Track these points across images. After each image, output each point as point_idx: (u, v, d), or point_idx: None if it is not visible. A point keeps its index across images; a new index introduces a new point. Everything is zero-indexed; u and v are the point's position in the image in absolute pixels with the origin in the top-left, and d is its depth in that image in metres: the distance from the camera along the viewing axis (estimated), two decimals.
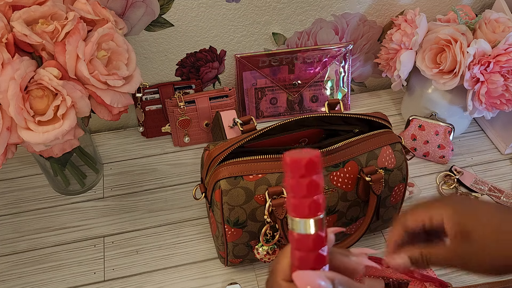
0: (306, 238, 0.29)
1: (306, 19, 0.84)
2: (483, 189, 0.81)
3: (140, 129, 0.88)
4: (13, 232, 0.75)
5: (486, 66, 0.73)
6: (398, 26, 0.82)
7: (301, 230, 0.29)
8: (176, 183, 0.82)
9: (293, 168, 0.28)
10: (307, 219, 0.29)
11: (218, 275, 0.70)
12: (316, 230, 0.29)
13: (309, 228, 0.29)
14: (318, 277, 0.29)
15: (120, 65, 0.61)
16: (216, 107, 0.84)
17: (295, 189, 0.29)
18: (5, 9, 0.54)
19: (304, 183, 0.28)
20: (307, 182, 0.28)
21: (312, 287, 0.29)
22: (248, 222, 0.61)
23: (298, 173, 0.28)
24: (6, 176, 0.82)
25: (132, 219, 0.76)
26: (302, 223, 0.29)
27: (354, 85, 1.00)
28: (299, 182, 0.28)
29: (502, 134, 0.88)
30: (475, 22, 0.78)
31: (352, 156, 0.61)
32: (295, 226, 0.29)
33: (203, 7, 0.78)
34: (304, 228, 0.29)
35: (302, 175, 0.28)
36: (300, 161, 0.28)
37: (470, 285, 0.68)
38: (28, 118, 0.54)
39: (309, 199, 0.29)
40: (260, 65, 0.88)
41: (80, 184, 0.78)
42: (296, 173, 0.28)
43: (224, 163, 0.59)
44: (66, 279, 0.69)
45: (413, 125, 0.85)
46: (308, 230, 0.29)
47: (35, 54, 0.57)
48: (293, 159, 0.28)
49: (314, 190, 0.29)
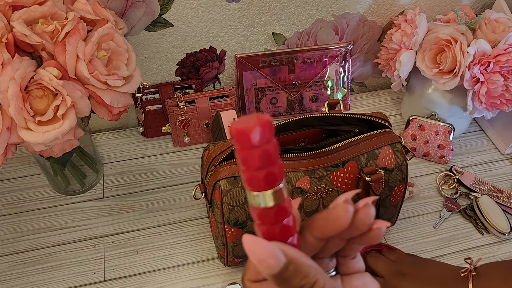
0: (268, 211, 0.27)
1: (306, 19, 0.84)
2: (483, 189, 0.81)
3: (140, 129, 0.88)
4: (13, 232, 0.75)
5: (486, 66, 0.73)
6: (398, 26, 0.82)
7: (260, 204, 0.27)
8: (176, 183, 0.82)
9: (240, 139, 0.25)
10: (265, 191, 0.26)
11: (218, 275, 0.70)
12: (276, 202, 0.27)
13: (269, 201, 0.27)
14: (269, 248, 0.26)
15: (120, 65, 0.61)
16: (216, 107, 0.84)
17: (246, 162, 0.26)
18: (5, 9, 0.54)
19: (255, 154, 0.25)
20: (258, 153, 0.25)
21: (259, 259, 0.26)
22: (248, 222, 0.61)
23: (246, 145, 0.25)
24: (6, 176, 0.82)
25: (132, 219, 0.76)
26: (260, 196, 0.27)
27: (354, 85, 1.00)
28: (249, 154, 0.25)
29: (502, 134, 0.88)
30: (475, 22, 0.78)
31: (352, 156, 0.61)
32: (254, 201, 0.27)
33: (203, 7, 0.78)
34: (263, 201, 0.27)
35: (251, 146, 0.25)
36: (247, 131, 0.25)
37: None
38: (28, 118, 0.54)
39: (264, 171, 0.26)
40: (260, 65, 0.88)
41: (80, 184, 0.78)
42: (244, 144, 0.25)
43: (224, 163, 0.59)
44: (66, 279, 0.69)
45: (413, 125, 0.85)
46: (268, 203, 0.27)
47: (35, 54, 0.57)
48: (238, 129, 0.25)
49: (267, 160, 0.26)
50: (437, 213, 0.79)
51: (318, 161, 0.60)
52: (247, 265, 0.30)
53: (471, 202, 0.79)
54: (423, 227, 0.76)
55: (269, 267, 0.26)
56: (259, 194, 0.27)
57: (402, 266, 0.64)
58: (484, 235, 0.76)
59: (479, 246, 0.74)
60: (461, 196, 0.80)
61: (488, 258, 0.73)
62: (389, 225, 0.30)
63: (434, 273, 0.62)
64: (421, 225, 0.77)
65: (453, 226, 0.77)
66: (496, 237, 0.75)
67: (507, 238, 0.75)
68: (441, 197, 0.81)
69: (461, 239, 0.75)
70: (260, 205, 0.27)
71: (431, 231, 0.76)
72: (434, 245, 0.74)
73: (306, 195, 0.60)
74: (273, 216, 0.27)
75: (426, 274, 0.62)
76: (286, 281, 0.26)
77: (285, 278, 0.26)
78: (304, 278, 0.26)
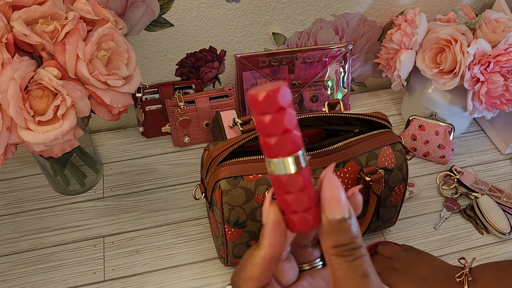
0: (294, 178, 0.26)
1: (306, 19, 0.84)
2: (483, 189, 0.81)
3: (140, 129, 0.88)
4: (13, 232, 0.75)
5: (486, 66, 0.73)
6: (398, 26, 0.82)
7: (284, 170, 0.26)
8: (176, 183, 0.82)
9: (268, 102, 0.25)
10: (293, 155, 0.26)
11: (218, 275, 0.70)
12: (299, 168, 0.26)
13: (294, 167, 0.26)
14: (344, 195, 0.27)
15: (120, 65, 0.61)
16: (216, 107, 0.84)
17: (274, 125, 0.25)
18: (5, 9, 0.54)
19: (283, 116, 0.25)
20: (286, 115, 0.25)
21: (336, 199, 0.27)
22: (248, 222, 0.61)
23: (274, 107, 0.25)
24: (6, 176, 0.82)
25: (132, 219, 0.76)
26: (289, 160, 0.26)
27: (354, 85, 1.00)
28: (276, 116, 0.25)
29: (502, 134, 0.88)
30: (475, 22, 0.78)
31: (352, 156, 0.61)
32: (275, 168, 0.27)
33: (203, 7, 0.78)
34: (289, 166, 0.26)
35: (278, 107, 0.25)
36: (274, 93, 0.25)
37: None
38: (28, 118, 0.54)
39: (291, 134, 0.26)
40: (260, 65, 0.88)
41: (80, 184, 0.78)
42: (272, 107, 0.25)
43: (224, 163, 0.59)
44: (66, 279, 0.69)
45: (413, 125, 0.85)
46: (292, 169, 0.26)
47: (35, 54, 0.56)
48: (267, 91, 0.24)
49: (292, 122, 0.26)
50: (437, 213, 0.79)
51: (318, 161, 0.60)
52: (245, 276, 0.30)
53: (471, 202, 0.79)
54: (423, 227, 0.76)
55: (336, 210, 0.27)
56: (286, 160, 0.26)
57: (396, 262, 0.65)
58: (484, 235, 0.76)
59: (479, 246, 0.74)
60: (461, 196, 0.80)
61: (488, 258, 0.73)
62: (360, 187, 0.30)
63: (427, 271, 0.62)
64: (421, 225, 0.77)
65: (453, 226, 0.77)
66: (496, 237, 0.75)
67: (507, 238, 0.75)
68: (441, 197, 0.81)
69: (461, 239, 0.75)
70: (283, 172, 0.26)
71: (431, 231, 0.76)
72: (434, 245, 0.74)
73: None
74: (301, 181, 0.27)
75: (419, 271, 0.62)
76: (338, 232, 0.27)
77: (339, 229, 0.27)
78: (354, 238, 0.27)
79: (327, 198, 0.27)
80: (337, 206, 0.27)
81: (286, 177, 0.27)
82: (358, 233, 0.28)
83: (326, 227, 0.27)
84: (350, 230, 0.27)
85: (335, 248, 0.28)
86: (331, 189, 0.27)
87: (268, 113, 0.25)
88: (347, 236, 0.27)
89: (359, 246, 0.27)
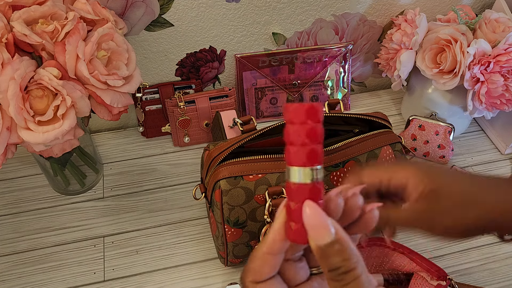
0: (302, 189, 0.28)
1: (306, 19, 0.84)
2: None
3: (140, 129, 0.88)
4: (13, 232, 0.75)
5: (486, 66, 0.73)
6: (398, 26, 0.82)
7: (293, 179, 0.28)
8: (176, 183, 0.82)
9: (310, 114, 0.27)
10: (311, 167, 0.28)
11: (218, 275, 0.70)
12: (309, 181, 0.28)
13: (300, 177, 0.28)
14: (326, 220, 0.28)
15: (120, 65, 0.61)
16: (216, 107, 0.84)
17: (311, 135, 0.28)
18: (5, 9, 0.54)
19: (319, 128, 0.28)
20: (320, 128, 0.28)
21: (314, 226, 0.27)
22: (248, 222, 0.61)
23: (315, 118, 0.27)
24: (6, 176, 0.82)
25: (132, 219, 0.76)
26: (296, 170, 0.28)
27: (354, 85, 1.00)
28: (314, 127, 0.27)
29: (502, 134, 0.88)
30: (475, 22, 0.78)
31: (352, 156, 0.61)
32: (288, 174, 0.29)
33: (203, 7, 0.78)
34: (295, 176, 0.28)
35: (318, 120, 0.27)
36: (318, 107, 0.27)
37: (470, 284, 0.68)
38: (28, 118, 0.54)
39: (320, 146, 0.28)
40: (260, 65, 0.88)
41: (80, 184, 0.78)
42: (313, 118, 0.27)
43: (224, 163, 0.59)
44: (66, 279, 0.69)
45: (413, 125, 0.85)
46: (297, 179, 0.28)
47: (35, 54, 0.56)
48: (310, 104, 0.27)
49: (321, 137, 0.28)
50: None
51: None
52: (247, 268, 0.31)
53: None
54: None
55: (319, 236, 0.27)
56: (299, 169, 0.28)
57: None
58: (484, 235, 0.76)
59: (479, 246, 0.74)
60: None
61: (488, 258, 0.73)
62: (381, 204, 0.31)
63: None
64: None
65: None
66: (496, 237, 0.75)
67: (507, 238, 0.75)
68: None
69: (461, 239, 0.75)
70: (294, 180, 0.28)
71: None
72: (434, 245, 0.74)
73: None
74: (306, 194, 0.28)
75: None
76: (327, 257, 0.27)
77: (327, 254, 0.27)
78: (345, 261, 0.27)
79: (310, 224, 0.27)
80: (320, 232, 0.27)
81: (295, 186, 0.28)
82: (350, 254, 0.27)
83: (316, 252, 0.28)
84: (340, 254, 0.27)
85: (329, 272, 0.28)
86: (313, 216, 0.27)
87: (294, 123, 0.27)
88: (337, 260, 0.27)
89: (351, 269, 0.27)
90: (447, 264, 0.72)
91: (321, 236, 0.27)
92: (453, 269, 0.71)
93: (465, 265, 0.72)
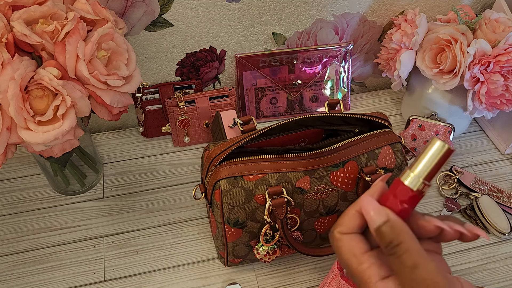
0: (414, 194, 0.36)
1: (306, 19, 0.84)
2: (483, 189, 0.81)
3: (140, 129, 0.88)
4: (13, 232, 0.75)
5: (486, 66, 0.73)
6: (398, 26, 0.82)
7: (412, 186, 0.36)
8: (176, 183, 0.82)
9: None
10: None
11: (218, 275, 0.70)
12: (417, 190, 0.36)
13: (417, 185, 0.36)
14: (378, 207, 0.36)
15: (120, 65, 0.61)
16: (216, 107, 0.84)
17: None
18: (5, 9, 0.54)
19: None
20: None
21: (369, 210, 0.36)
22: (248, 222, 0.61)
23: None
24: (6, 176, 0.82)
25: (132, 219, 0.76)
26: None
27: (354, 85, 1.00)
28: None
29: (502, 134, 0.88)
30: (475, 22, 0.78)
31: (352, 156, 0.61)
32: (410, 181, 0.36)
33: (203, 7, 0.78)
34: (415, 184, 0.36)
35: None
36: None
37: None
38: (28, 118, 0.54)
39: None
40: (260, 65, 0.88)
41: (80, 184, 0.78)
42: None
43: (224, 163, 0.59)
44: (66, 279, 0.69)
45: (413, 125, 0.85)
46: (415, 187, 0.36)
47: (35, 54, 0.57)
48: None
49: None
50: (437, 213, 0.79)
51: (318, 161, 0.60)
52: (339, 221, 0.39)
53: (471, 202, 0.79)
54: None
55: (372, 220, 0.36)
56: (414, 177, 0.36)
57: None
58: None
59: (479, 246, 0.74)
60: (461, 196, 0.80)
61: (488, 258, 0.73)
62: (487, 237, 0.38)
63: None
64: None
65: None
66: (496, 237, 0.75)
67: (507, 238, 0.75)
68: (441, 197, 0.81)
69: None
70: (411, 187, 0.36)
71: None
72: None
73: (306, 195, 0.60)
74: (407, 196, 0.36)
75: None
76: (382, 234, 0.35)
77: (381, 232, 0.35)
78: (395, 236, 0.34)
79: (366, 210, 0.36)
80: (370, 219, 0.36)
81: (403, 187, 0.37)
82: (399, 231, 0.34)
83: (374, 232, 0.36)
84: (388, 233, 0.35)
85: (385, 249, 0.35)
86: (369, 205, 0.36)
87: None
88: (386, 238, 0.35)
89: (399, 242, 0.34)
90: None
91: (371, 222, 0.36)
92: (453, 269, 0.71)
93: (465, 265, 0.72)
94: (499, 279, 0.70)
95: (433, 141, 0.36)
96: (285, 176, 0.59)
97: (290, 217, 0.61)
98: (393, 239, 0.34)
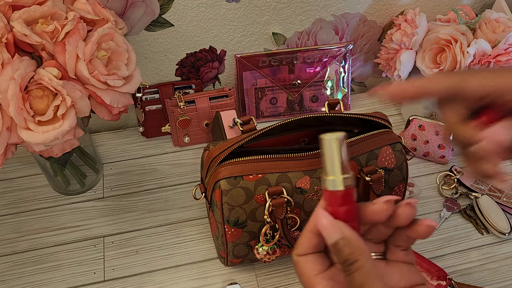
0: (335, 194, 0.35)
1: (306, 19, 0.84)
2: (483, 189, 0.81)
3: (140, 129, 0.88)
4: (13, 232, 0.75)
5: (486, 66, 0.73)
6: (398, 26, 0.82)
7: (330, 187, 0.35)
8: (176, 183, 0.82)
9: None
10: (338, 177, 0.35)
11: (218, 275, 0.70)
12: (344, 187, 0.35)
13: (339, 185, 0.35)
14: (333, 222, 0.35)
15: (120, 65, 0.61)
16: (216, 107, 0.84)
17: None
18: (5, 9, 0.54)
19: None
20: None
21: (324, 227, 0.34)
22: (248, 222, 0.61)
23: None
24: (6, 176, 0.82)
25: (132, 219, 0.76)
26: (333, 180, 0.35)
27: (354, 85, 1.00)
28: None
29: None
30: (475, 22, 0.78)
31: (352, 156, 0.61)
32: (327, 184, 0.35)
33: (203, 7, 0.78)
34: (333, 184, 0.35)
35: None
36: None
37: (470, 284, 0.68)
38: (28, 118, 0.54)
39: None
40: (260, 65, 0.88)
41: (80, 184, 0.78)
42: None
43: (224, 163, 0.59)
44: (66, 279, 0.69)
45: (413, 125, 0.85)
46: (338, 187, 0.35)
47: (35, 54, 0.57)
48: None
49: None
50: (437, 213, 0.79)
51: (318, 161, 0.60)
52: (297, 242, 0.38)
53: (471, 202, 0.79)
54: None
55: (328, 235, 0.34)
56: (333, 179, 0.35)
57: None
58: (484, 235, 0.76)
59: (479, 246, 0.74)
60: (461, 196, 0.80)
61: (488, 258, 0.73)
62: (436, 226, 0.35)
63: None
64: None
65: (453, 226, 0.77)
66: (496, 237, 0.75)
67: (507, 238, 0.75)
68: (441, 197, 0.81)
69: (461, 239, 0.75)
70: (330, 188, 0.35)
71: None
72: (434, 245, 0.74)
73: (306, 195, 0.60)
74: (339, 199, 0.35)
75: None
76: (338, 252, 0.34)
77: (337, 249, 0.34)
78: (350, 254, 0.33)
79: (322, 227, 0.35)
80: (326, 235, 0.34)
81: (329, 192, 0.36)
82: (355, 247, 0.33)
83: (330, 248, 0.35)
84: (344, 250, 0.34)
85: (342, 265, 0.34)
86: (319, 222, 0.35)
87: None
88: (342, 255, 0.34)
89: (354, 261, 0.33)
90: (447, 264, 0.72)
91: (330, 235, 0.34)
92: (453, 269, 0.71)
93: (465, 265, 0.72)
94: (499, 279, 0.70)
95: (321, 141, 0.37)
96: (285, 176, 0.59)
97: (290, 217, 0.61)
98: (349, 256, 0.33)
